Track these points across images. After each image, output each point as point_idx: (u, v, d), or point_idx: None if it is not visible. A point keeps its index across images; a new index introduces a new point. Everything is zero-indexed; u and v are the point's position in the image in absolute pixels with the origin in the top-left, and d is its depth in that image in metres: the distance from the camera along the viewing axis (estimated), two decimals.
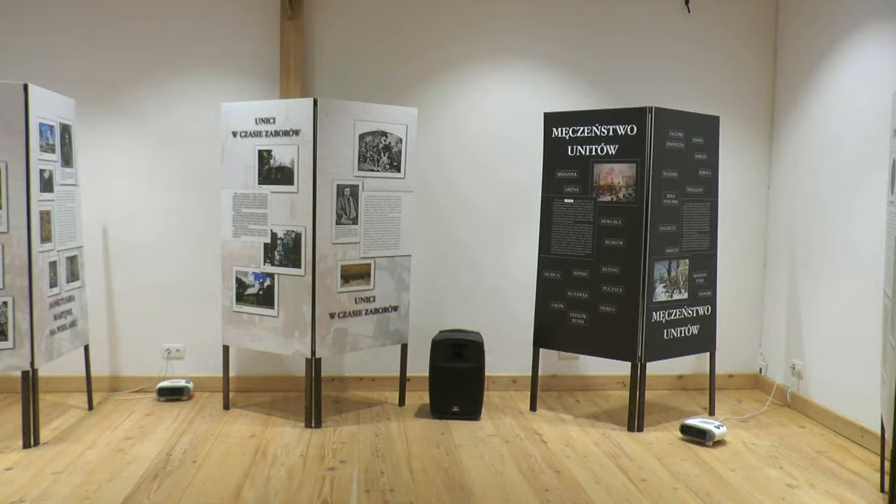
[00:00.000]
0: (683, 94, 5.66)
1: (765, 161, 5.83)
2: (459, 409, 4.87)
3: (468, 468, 4.08)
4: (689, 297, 4.91)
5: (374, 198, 4.81)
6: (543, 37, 5.52)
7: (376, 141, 4.79)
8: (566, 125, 4.90)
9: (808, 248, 5.29)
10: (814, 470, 4.21)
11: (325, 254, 4.60)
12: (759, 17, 5.72)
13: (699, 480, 4.00)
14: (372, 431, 4.64)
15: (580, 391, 5.67)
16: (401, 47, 5.42)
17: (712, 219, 5.02)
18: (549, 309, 4.97)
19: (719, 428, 4.57)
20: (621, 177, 4.70)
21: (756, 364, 5.93)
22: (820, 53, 5.20)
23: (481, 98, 5.52)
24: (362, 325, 4.83)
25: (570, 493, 3.78)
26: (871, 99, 4.66)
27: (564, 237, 4.90)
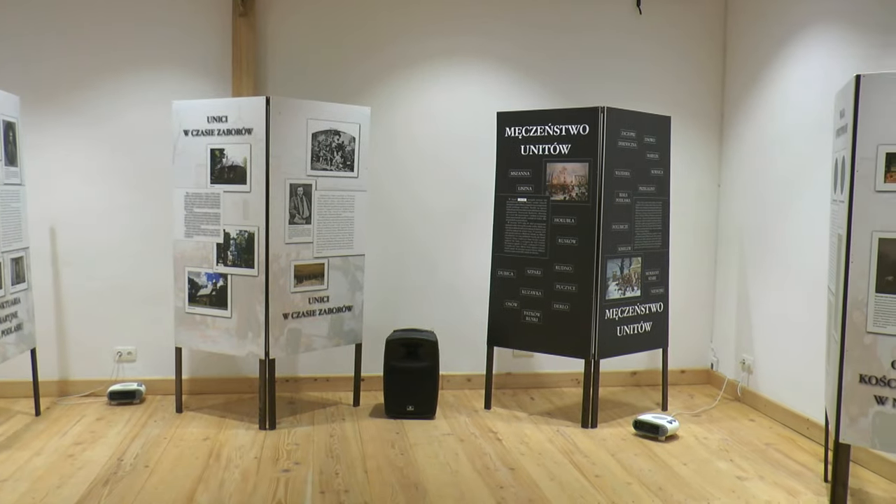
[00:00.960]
0: (636, 95, 5.72)
1: (715, 160, 5.91)
2: (414, 409, 4.87)
3: (423, 467, 4.08)
4: (641, 294, 4.97)
5: (327, 197, 4.79)
6: (497, 36, 5.54)
7: (329, 140, 4.77)
8: (519, 125, 4.93)
9: (757, 246, 5.39)
10: (763, 462, 4.29)
11: (279, 254, 4.57)
12: (708, 19, 5.80)
13: (652, 475, 4.05)
14: (326, 432, 4.62)
15: (535, 389, 5.70)
16: (354, 45, 5.40)
17: (664, 217, 5.09)
18: (502, 307, 5.00)
19: (672, 423, 4.63)
20: (574, 176, 4.74)
21: (707, 360, 6.01)
22: (767, 55, 5.29)
23: (435, 97, 5.52)
24: (316, 325, 4.81)
25: (525, 491, 3.81)
26: (816, 99, 4.75)
27: (518, 236, 4.92)
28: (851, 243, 3.26)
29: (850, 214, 3.26)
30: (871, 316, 3.24)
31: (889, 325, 3.20)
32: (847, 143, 3.32)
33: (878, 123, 3.18)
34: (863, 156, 3.22)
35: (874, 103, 3.19)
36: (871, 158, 3.20)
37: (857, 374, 3.27)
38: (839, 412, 3.31)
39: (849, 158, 3.27)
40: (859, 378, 3.26)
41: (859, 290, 3.25)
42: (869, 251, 3.22)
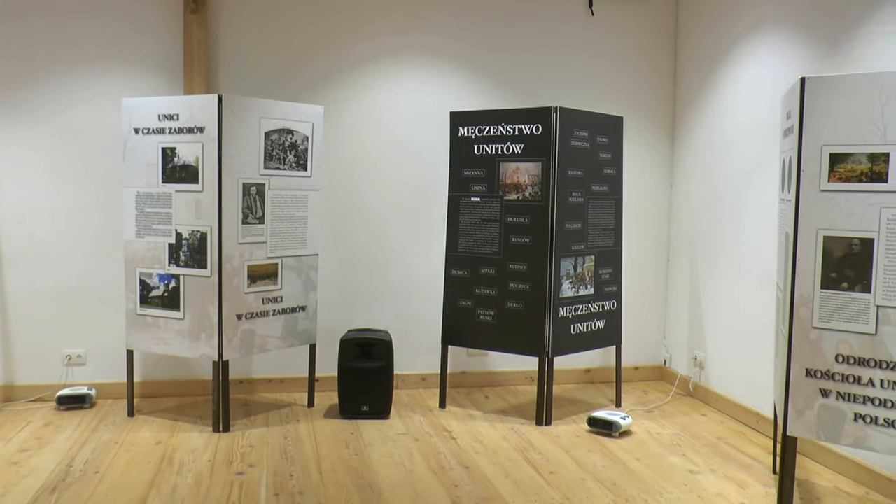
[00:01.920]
0: (588, 95, 5.77)
1: (667, 160, 5.99)
2: (369, 409, 4.86)
3: (378, 467, 4.08)
4: (594, 292, 5.01)
5: (280, 196, 4.76)
6: (450, 36, 5.54)
7: (282, 139, 4.74)
8: (472, 124, 4.94)
9: (709, 244, 5.47)
10: (714, 456, 4.36)
11: (232, 254, 4.53)
12: (660, 21, 5.87)
13: (606, 471, 4.09)
14: (281, 434, 4.59)
15: (489, 387, 5.72)
16: (307, 43, 5.37)
17: (617, 216, 5.14)
18: (457, 306, 5.01)
19: (625, 419, 4.69)
20: (527, 175, 4.76)
21: (660, 356, 6.09)
22: (717, 57, 5.37)
23: (388, 96, 5.51)
24: (270, 325, 4.77)
25: (480, 489, 3.82)
26: (764, 101, 4.84)
27: (471, 235, 4.94)
28: (798, 241, 3.33)
29: (797, 213, 3.32)
30: (816, 312, 3.31)
31: (833, 321, 3.27)
32: (793, 143, 3.39)
33: (823, 125, 3.25)
34: (808, 156, 3.28)
35: (818, 105, 3.25)
36: (815, 159, 3.27)
37: (803, 369, 3.34)
38: (787, 406, 3.38)
39: (795, 159, 3.34)
40: (805, 372, 3.33)
41: (805, 287, 3.32)
42: (814, 248, 3.30)
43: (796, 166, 3.32)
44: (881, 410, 3.20)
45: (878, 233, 3.18)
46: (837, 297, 3.26)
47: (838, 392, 3.27)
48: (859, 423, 3.25)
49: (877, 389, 3.20)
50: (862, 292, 3.21)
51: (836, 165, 3.24)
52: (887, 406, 3.19)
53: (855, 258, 3.22)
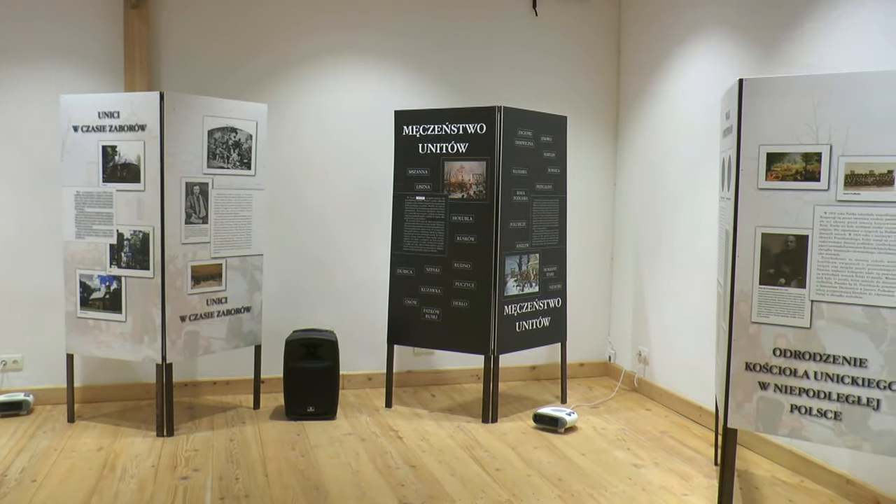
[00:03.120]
0: (533, 94, 5.81)
1: (611, 159, 6.07)
2: (315, 410, 4.83)
3: (324, 468, 4.06)
4: (539, 290, 5.06)
5: (224, 196, 4.70)
6: (395, 34, 5.54)
7: (226, 137, 4.68)
8: (417, 123, 4.95)
9: (652, 242, 5.56)
10: (658, 449, 4.44)
11: (175, 254, 4.46)
12: (603, 22, 5.94)
13: (552, 466, 4.14)
14: (226, 437, 4.54)
15: (435, 386, 5.73)
16: (251, 40, 5.31)
17: (561, 214, 5.19)
18: (402, 305, 5.01)
19: (570, 415, 4.74)
20: (472, 174, 4.79)
21: (605, 352, 6.17)
22: (659, 58, 5.46)
23: (333, 94, 5.48)
24: (214, 327, 4.72)
25: (426, 487, 3.83)
26: (704, 102, 4.94)
27: (416, 234, 4.94)
28: (737, 238, 3.40)
29: (736, 211, 3.40)
30: (755, 307, 3.39)
31: (771, 315, 3.36)
32: (732, 143, 3.46)
33: (760, 125, 3.33)
34: (746, 155, 3.36)
35: (756, 106, 3.33)
36: (753, 158, 3.35)
37: (742, 362, 3.42)
38: (727, 399, 3.46)
39: (734, 158, 3.41)
40: (745, 366, 3.41)
41: (744, 283, 3.40)
42: (753, 245, 3.37)
43: (735, 165, 3.40)
44: (815, 401, 3.29)
45: (811, 230, 3.27)
46: (775, 293, 3.35)
47: (776, 384, 3.36)
48: (795, 414, 3.34)
49: (811, 381, 3.29)
50: (797, 287, 3.30)
51: (772, 164, 3.32)
52: (820, 397, 3.28)
53: (791, 254, 3.31)
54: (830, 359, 3.26)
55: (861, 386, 3.21)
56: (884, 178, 3.14)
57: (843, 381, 3.24)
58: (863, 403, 3.21)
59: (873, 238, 3.17)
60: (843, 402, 3.24)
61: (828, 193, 3.23)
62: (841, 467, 3.87)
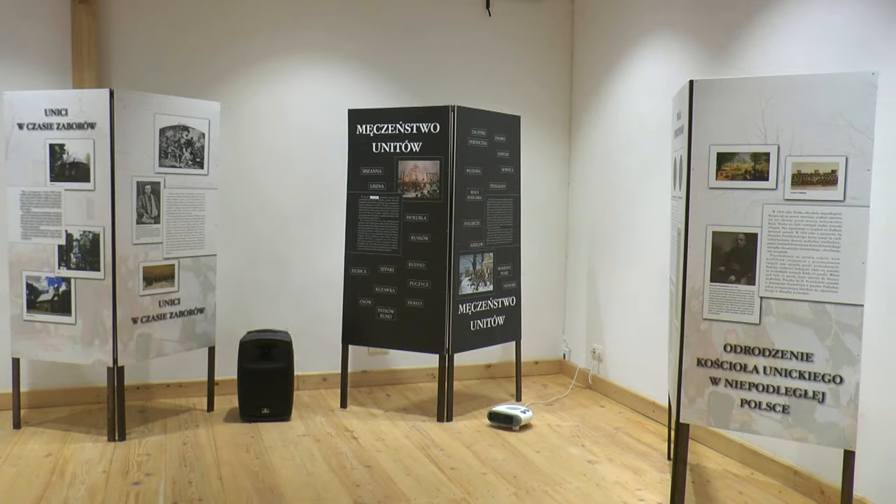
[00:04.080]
0: (487, 94, 5.84)
1: (565, 158, 6.12)
2: (269, 411, 4.80)
3: (279, 470, 4.03)
4: (494, 289, 5.08)
5: (176, 195, 4.64)
6: (349, 33, 5.52)
7: (178, 136, 4.62)
8: (370, 122, 4.94)
9: (605, 240, 5.62)
10: (612, 445, 4.49)
11: (126, 255, 4.39)
12: (556, 23, 5.99)
13: (507, 464, 4.16)
14: (180, 440, 4.48)
15: (390, 385, 5.73)
16: (204, 38, 5.25)
17: (515, 214, 5.22)
18: (357, 305, 5.00)
19: (525, 413, 4.77)
20: (425, 174, 4.79)
21: (560, 350, 6.22)
22: (611, 59, 5.52)
23: (287, 93, 5.44)
24: (167, 329, 4.65)
25: (381, 487, 3.83)
26: (656, 102, 5.01)
27: (371, 234, 4.94)
28: (688, 236, 3.46)
29: (687, 210, 3.46)
30: (706, 304, 3.45)
31: (722, 312, 3.42)
32: (683, 143, 3.52)
33: (710, 125, 3.39)
34: (697, 155, 3.42)
35: (706, 106, 3.39)
36: (704, 158, 3.41)
37: (694, 358, 3.47)
38: (679, 394, 3.52)
39: (685, 158, 3.47)
40: (697, 361, 3.47)
41: (696, 280, 3.46)
42: (704, 243, 3.43)
43: (686, 165, 3.45)
44: (764, 396, 3.36)
45: (761, 228, 3.34)
46: (725, 290, 3.41)
47: (727, 380, 3.43)
48: (745, 408, 3.40)
49: (760, 376, 3.36)
50: (747, 284, 3.37)
51: (722, 164, 3.38)
52: (769, 391, 3.35)
53: (741, 252, 3.38)
54: (779, 354, 3.33)
55: (807, 380, 3.28)
56: (828, 178, 3.22)
57: (791, 376, 3.31)
58: (809, 397, 3.28)
59: (819, 236, 3.24)
60: (790, 396, 3.32)
61: (776, 192, 3.31)
62: (789, 459, 3.96)
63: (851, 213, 3.20)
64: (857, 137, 3.17)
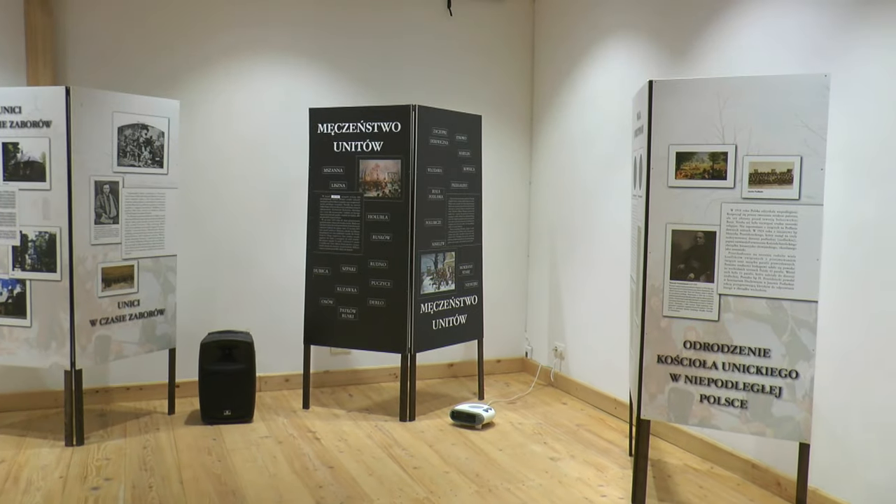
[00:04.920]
0: (449, 93, 5.85)
1: (526, 158, 6.15)
2: (231, 413, 4.76)
3: (241, 473, 4.00)
4: (455, 288, 5.10)
5: (135, 195, 4.58)
6: (311, 32, 5.49)
7: (137, 134, 4.57)
8: (331, 121, 4.92)
9: (567, 239, 5.66)
10: (574, 442, 4.53)
11: (84, 256, 4.33)
12: (517, 23, 6.02)
13: (469, 463, 4.18)
14: (140, 444, 4.43)
15: (353, 385, 5.71)
16: (163, 35, 5.18)
17: (477, 213, 5.24)
18: (318, 305, 4.98)
19: (488, 411, 4.79)
20: (387, 173, 4.79)
21: (522, 348, 6.25)
22: (572, 59, 5.57)
23: (248, 90, 5.40)
24: (127, 331, 4.59)
25: (344, 488, 3.82)
26: (617, 102, 5.05)
27: (332, 233, 4.92)
28: (649, 235, 3.50)
29: (647, 208, 3.50)
30: (666, 301, 3.50)
31: (682, 309, 3.47)
32: (643, 143, 3.56)
33: (669, 125, 3.43)
34: (656, 155, 3.46)
35: (665, 107, 3.44)
36: (663, 157, 3.45)
37: (655, 355, 3.52)
38: (640, 391, 3.56)
39: (645, 157, 3.51)
40: (657, 358, 3.52)
41: (656, 278, 3.50)
42: (664, 242, 3.48)
43: (646, 164, 3.49)
44: (723, 391, 3.42)
45: (719, 226, 3.39)
46: (685, 287, 3.46)
47: (686, 376, 3.47)
48: (705, 403, 3.46)
49: (719, 372, 3.42)
50: (706, 282, 3.42)
51: (681, 164, 3.43)
52: (728, 387, 3.41)
53: (700, 250, 3.43)
54: (737, 350, 3.39)
55: (765, 375, 3.34)
56: (784, 177, 3.29)
57: (749, 371, 3.37)
58: (766, 391, 3.35)
59: (775, 234, 3.31)
60: (748, 391, 3.38)
61: (734, 191, 3.36)
62: (747, 453, 4.02)
63: (806, 212, 3.26)
64: (811, 138, 3.23)
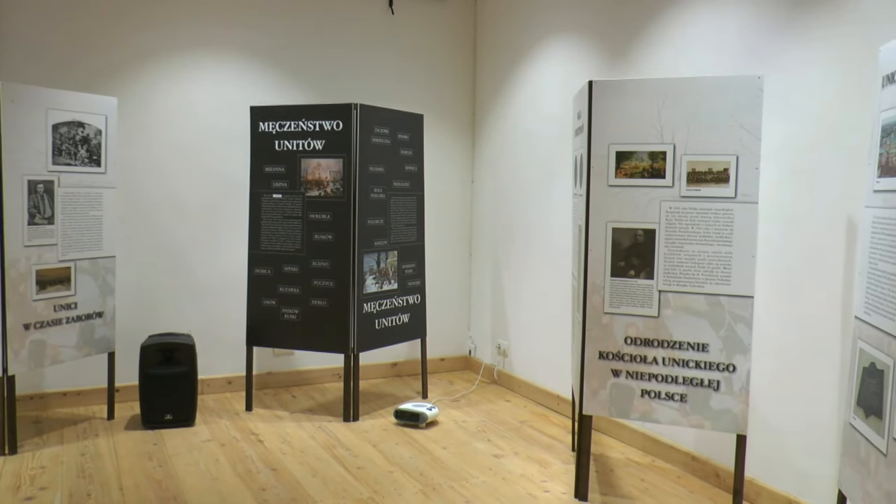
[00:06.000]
0: (391, 92, 5.84)
1: (469, 157, 6.18)
2: (173, 417, 4.68)
3: (183, 477, 3.94)
4: (398, 287, 5.10)
5: (72, 195, 4.48)
6: (253, 30, 5.43)
7: (73, 132, 4.46)
8: (273, 120, 4.88)
9: (509, 237, 5.71)
10: (518, 439, 4.57)
11: (17, 258, 4.21)
12: (459, 22, 6.04)
13: (413, 461, 4.18)
14: (77, 451, 4.32)
15: (296, 386, 5.67)
16: (100, 30, 5.06)
17: (419, 212, 5.25)
18: (260, 306, 4.93)
19: (431, 410, 4.80)
20: (328, 172, 4.77)
21: (466, 347, 6.28)
22: (514, 59, 5.61)
23: (190, 89, 5.31)
24: (63, 334, 4.48)
25: (287, 490, 3.79)
26: (558, 102, 5.11)
27: (274, 233, 4.88)
28: (589, 233, 3.55)
29: (588, 207, 3.54)
30: (607, 298, 3.55)
31: (622, 306, 3.53)
32: (584, 142, 3.61)
33: (609, 124, 3.48)
34: (597, 154, 3.51)
35: (605, 106, 3.49)
36: (603, 156, 3.50)
37: (596, 352, 3.57)
38: (582, 387, 3.61)
39: (585, 156, 3.56)
40: (598, 354, 3.57)
41: (597, 275, 3.55)
42: (604, 240, 3.53)
43: (587, 163, 3.54)
44: (663, 385, 3.49)
45: (658, 224, 3.45)
46: (625, 284, 3.51)
47: (627, 371, 3.53)
48: (645, 398, 3.52)
49: (660, 367, 3.48)
50: (646, 279, 3.49)
51: (621, 163, 3.48)
52: (668, 381, 3.48)
53: (640, 248, 3.49)
54: (677, 345, 3.46)
55: (703, 369, 3.42)
56: (721, 176, 3.36)
57: (688, 366, 3.44)
58: (705, 385, 3.42)
59: (713, 231, 3.38)
60: (688, 385, 3.45)
61: (672, 190, 3.43)
62: (687, 446, 4.11)
63: (742, 209, 3.35)
64: (747, 137, 3.31)
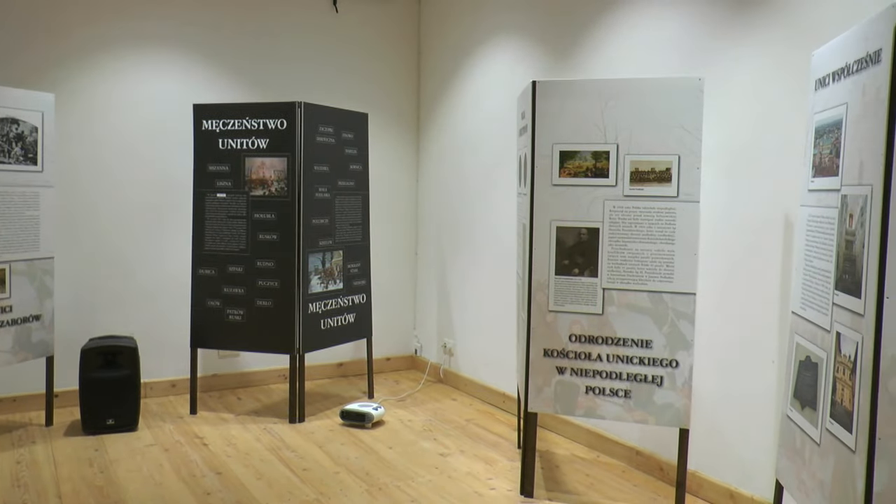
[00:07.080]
0: (336, 91, 5.81)
1: (414, 156, 6.18)
2: (114, 422, 4.58)
3: (125, 484, 3.86)
4: (344, 287, 5.07)
5: (6, 194, 4.35)
6: (195, 26, 5.34)
7: (6, 129, 4.34)
8: (217, 118, 4.81)
9: (454, 236, 5.72)
10: (464, 437, 4.58)
11: None
12: (403, 22, 6.03)
13: (359, 462, 4.17)
14: (12, 459, 4.20)
15: (242, 388, 5.61)
16: (36, 24, 4.92)
17: (364, 211, 5.23)
18: (205, 307, 4.86)
19: (377, 409, 4.79)
20: (273, 171, 4.72)
21: (412, 346, 6.28)
22: (458, 58, 5.62)
23: (131, 85, 5.20)
24: None
25: (233, 494, 3.74)
26: (502, 102, 5.13)
27: (218, 232, 4.81)
28: (533, 232, 3.58)
29: (532, 206, 3.57)
30: (551, 296, 3.58)
31: (567, 304, 3.56)
32: (527, 141, 3.63)
33: (553, 124, 3.51)
34: (540, 153, 3.54)
35: (549, 106, 3.52)
36: (547, 156, 3.53)
37: (541, 349, 3.60)
38: (527, 384, 3.63)
39: (529, 155, 3.58)
40: (543, 352, 3.60)
41: (541, 274, 3.58)
42: (548, 238, 3.56)
43: (531, 163, 3.57)
44: (607, 382, 3.53)
45: (602, 223, 3.49)
46: (570, 282, 3.55)
47: (572, 368, 3.57)
48: (590, 394, 3.56)
49: (604, 363, 3.52)
50: (590, 277, 3.52)
51: (565, 162, 3.52)
52: (612, 378, 3.52)
53: (584, 246, 3.53)
54: (620, 342, 3.50)
55: (647, 365, 3.47)
56: (663, 175, 3.42)
57: (632, 362, 3.49)
58: (649, 381, 3.47)
59: (656, 230, 3.43)
60: (632, 381, 3.50)
61: (616, 189, 3.47)
62: (631, 441, 4.16)
63: (684, 208, 3.40)
64: (688, 138, 3.37)
